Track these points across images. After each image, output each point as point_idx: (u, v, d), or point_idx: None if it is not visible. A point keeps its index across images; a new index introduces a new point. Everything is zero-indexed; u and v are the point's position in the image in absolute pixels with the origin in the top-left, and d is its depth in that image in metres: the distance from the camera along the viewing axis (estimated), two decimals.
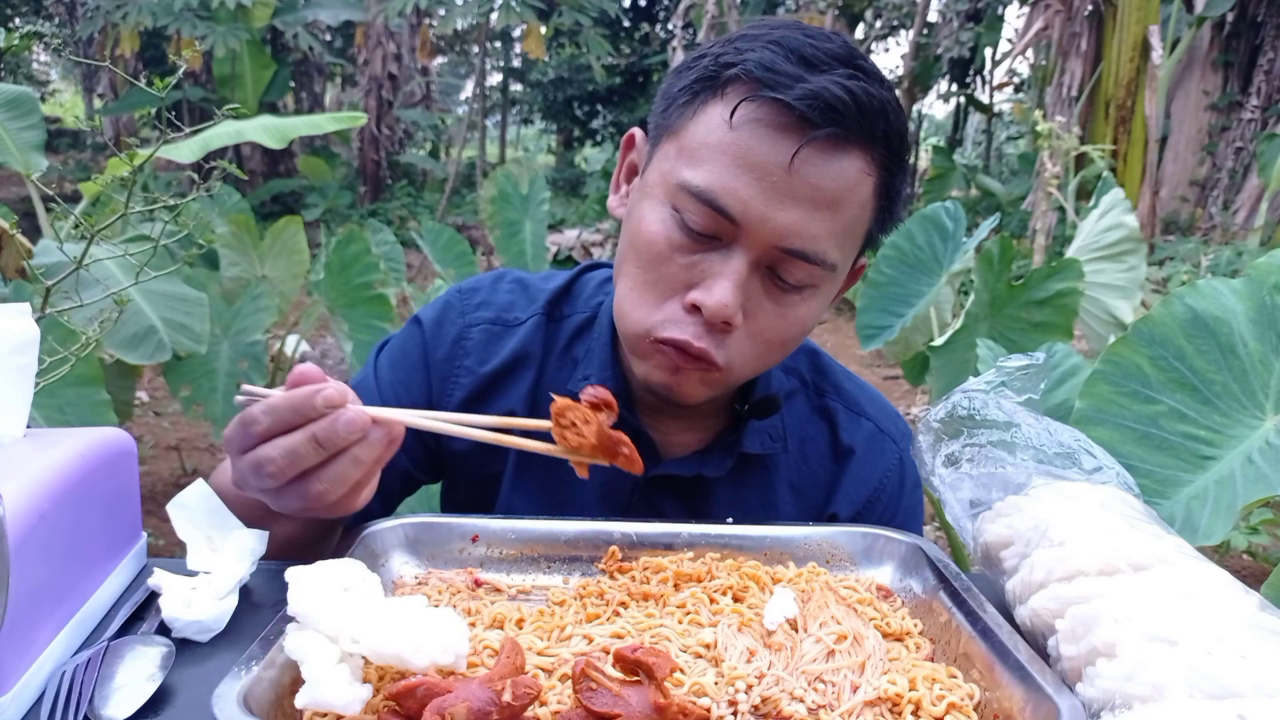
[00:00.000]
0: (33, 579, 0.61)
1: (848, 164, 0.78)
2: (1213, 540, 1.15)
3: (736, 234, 0.79)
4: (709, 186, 0.78)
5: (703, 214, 0.79)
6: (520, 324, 1.00)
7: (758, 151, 0.77)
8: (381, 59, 11.26)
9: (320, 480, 0.67)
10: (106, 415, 2.23)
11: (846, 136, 0.77)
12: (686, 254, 0.81)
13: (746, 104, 0.77)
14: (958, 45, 12.32)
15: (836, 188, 0.78)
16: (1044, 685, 0.56)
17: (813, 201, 0.78)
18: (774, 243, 0.78)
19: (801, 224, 0.78)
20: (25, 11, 14.12)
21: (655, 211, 0.83)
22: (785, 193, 0.77)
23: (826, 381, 1.04)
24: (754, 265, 0.80)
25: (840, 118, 0.76)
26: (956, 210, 3.28)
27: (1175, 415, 1.26)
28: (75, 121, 1.35)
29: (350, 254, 3.74)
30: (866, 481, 1.00)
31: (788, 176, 0.77)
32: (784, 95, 0.76)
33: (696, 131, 0.81)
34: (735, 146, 0.78)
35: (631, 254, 0.85)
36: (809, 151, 0.76)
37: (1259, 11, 8.92)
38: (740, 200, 0.77)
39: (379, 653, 0.56)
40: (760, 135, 0.77)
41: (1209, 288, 1.25)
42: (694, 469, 0.95)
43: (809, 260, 0.80)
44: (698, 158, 0.80)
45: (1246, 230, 7.51)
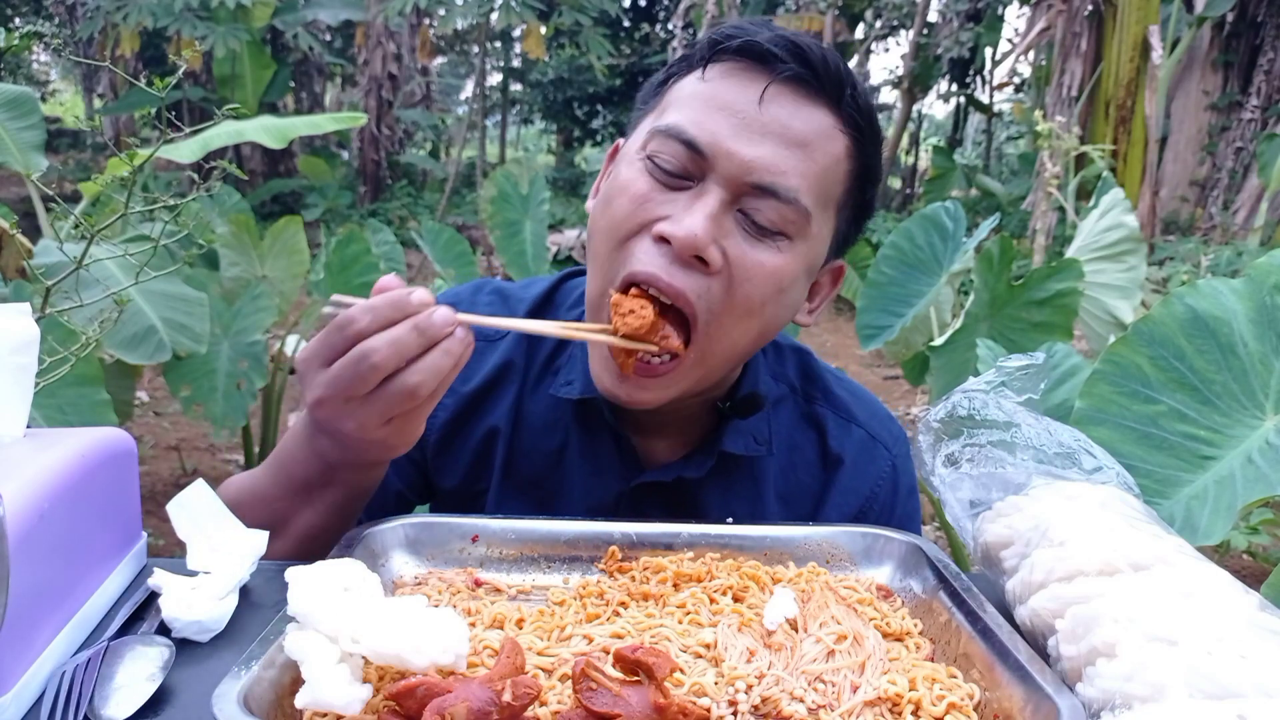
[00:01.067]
0: (33, 579, 0.61)
1: (817, 113, 0.80)
2: (1212, 540, 1.15)
3: (706, 169, 0.79)
4: (678, 123, 0.80)
5: (674, 151, 0.80)
6: (500, 338, 0.99)
7: (728, 92, 0.80)
8: (381, 59, 11.26)
9: (417, 372, 0.68)
10: (106, 415, 2.23)
11: (814, 85, 0.80)
12: (658, 195, 0.81)
13: (716, 58, 0.81)
14: (958, 45, 12.32)
15: (805, 129, 0.79)
16: (1044, 685, 0.56)
17: (783, 138, 0.79)
18: (744, 176, 0.78)
19: (771, 158, 0.78)
20: (25, 11, 14.12)
21: (631, 167, 0.83)
22: (755, 128, 0.78)
23: (816, 388, 1.02)
24: (726, 203, 0.79)
25: (806, 59, 0.79)
26: (956, 210, 3.28)
27: (1175, 415, 1.26)
28: (75, 121, 1.35)
29: (350, 254, 3.74)
30: (857, 491, 0.99)
31: (758, 113, 0.78)
32: (750, 40, 0.80)
33: (670, 95, 0.84)
34: (706, 91, 0.81)
35: (601, 209, 0.85)
36: (777, 90, 0.79)
37: (1259, 11, 8.93)
38: (709, 132, 0.79)
39: (379, 653, 0.56)
40: (730, 79, 0.80)
41: (1209, 288, 1.25)
42: (674, 473, 0.94)
43: (780, 197, 0.79)
44: (670, 109, 0.82)
45: (1246, 230, 7.51)
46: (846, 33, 13.53)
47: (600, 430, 0.95)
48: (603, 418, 0.94)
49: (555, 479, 0.97)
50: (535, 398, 0.98)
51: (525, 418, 0.98)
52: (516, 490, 0.98)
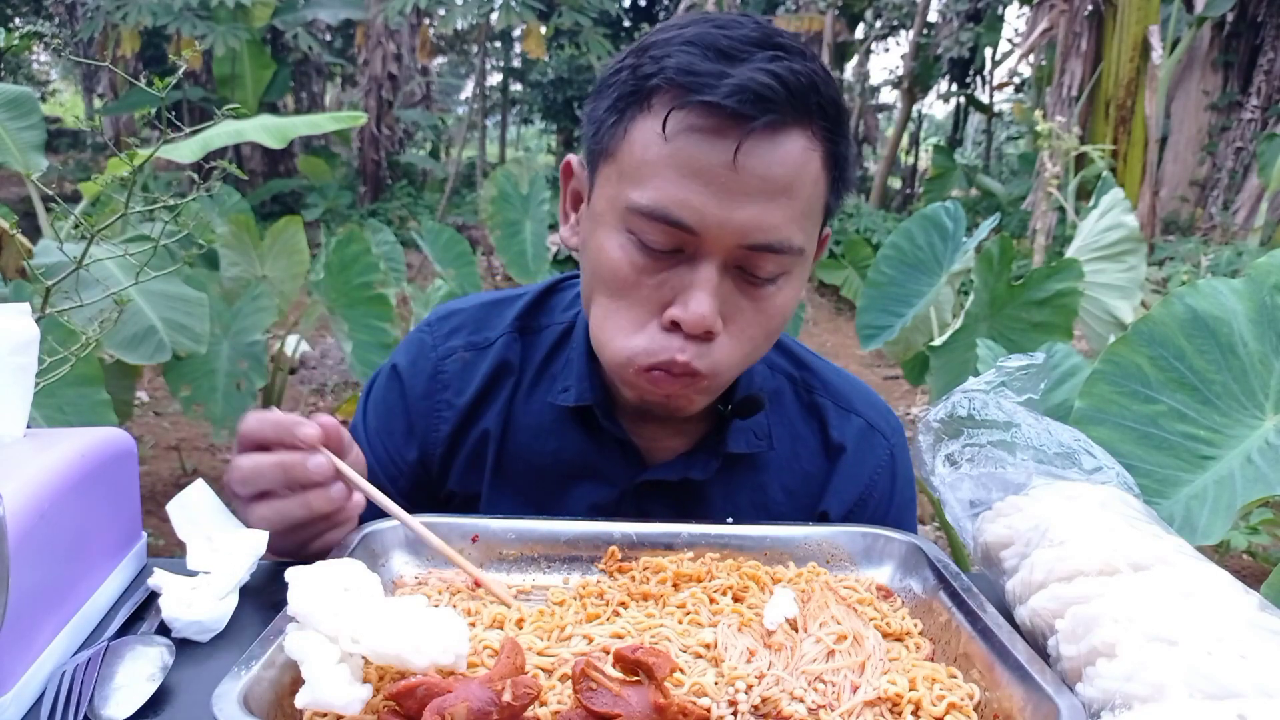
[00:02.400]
0: (33, 579, 0.61)
1: (790, 146, 0.77)
2: (1211, 540, 1.15)
3: (698, 243, 0.77)
4: (658, 204, 0.76)
5: (659, 231, 0.77)
6: (492, 344, 1.00)
7: (698, 157, 0.75)
8: (381, 59, 11.25)
9: (268, 507, 0.74)
10: (106, 415, 2.23)
11: (782, 120, 0.76)
12: (653, 274, 0.79)
13: (676, 113, 0.76)
14: (958, 45, 12.32)
15: (785, 173, 0.77)
16: (1044, 685, 0.56)
17: (765, 193, 0.76)
18: (737, 243, 0.77)
19: (760, 217, 0.76)
20: (25, 11, 14.11)
21: (612, 239, 0.81)
22: (736, 191, 0.75)
23: (814, 378, 1.03)
24: (723, 269, 0.78)
25: (772, 104, 0.74)
26: (956, 210, 3.29)
27: (1175, 415, 1.26)
28: (75, 121, 1.35)
29: (350, 254, 3.74)
30: (857, 479, 1.00)
31: (735, 174, 0.75)
32: (711, 96, 0.74)
33: (633, 151, 0.79)
34: (675, 157, 0.76)
35: (598, 284, 0.83)
36: (749, 145, 0.75)
37: (1259, 11, 8.93)
38: (693, 209, 0.76)
39: (379, 653, 0.56)
40: (697, 141, 0.75)
41: (1209, 288, 1.25)
42: (680, 472, 0.95)
43: (776, 251, 0.78)
44: (640, 177, 0.78)
45: (1246, 230, 7.51)
46: (846, 33, 13.53)
47: (598, 434, 0.96)
48: (598, 423, 0.95)
49: (550, 482, 0.97)
50: (530, 402, 0.98)
51: (517, 420, 0.98)
52: (512, 492, 0.98)
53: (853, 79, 14.08)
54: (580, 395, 0.94)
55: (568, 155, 0.93)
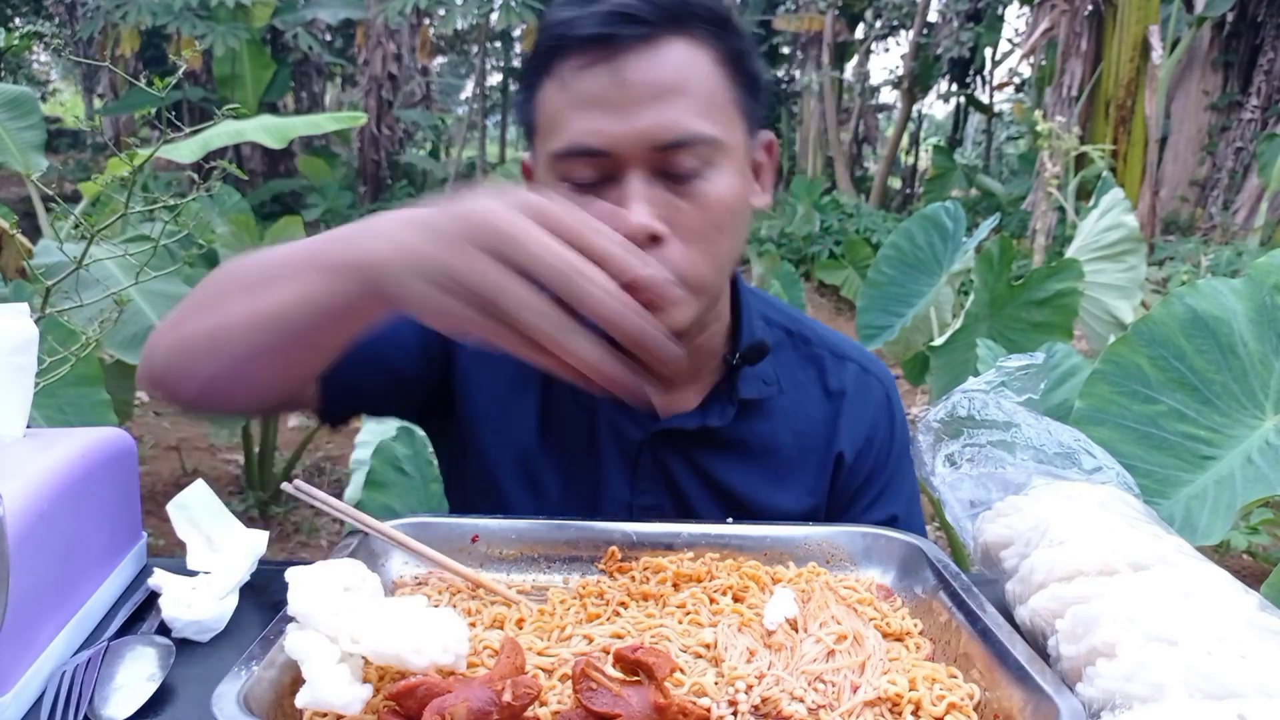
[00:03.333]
0: (33, 579, 0.61)
1: (670, 52, 0.82)
2: (1211, 540, 1.15)
3: (616, 163, 0.82)
4: (568, 141, 0.83)
5: (580, 166, 0.83)
6: None
7: (588, 88, 0.82)
8: (381, 59, 11.25)
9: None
10: (106, 415, 2.23)
11: (652, 32, 0.82)
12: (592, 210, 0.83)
13: (560, 60, 0.83)
14: (958, 45, 12.32)
15: (671, 74, 0.82)
16: (1044, 685, 0.56)
17: (656, 96, 0.81)
18: (647, 147, 0.81)
19: (658, 118, 0.81)
20: (25, 11, 14.11)
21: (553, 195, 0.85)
22: (629, 103, 0.81)
23: (808, 330, 1.08)
24: (647, 178, 0.83)
25: (636, 17, 0.81)
26: (956, 210, 3.29)
27: (1175, 415, 1.26)
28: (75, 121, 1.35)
29: None
30: (861, 419, 1.03)
31: (623, 89, 0.81)
32: (583, 31, 0.81)
33: (543, 112, 0.86)
34: (571, 98, 0.83)
35: None
36: (627, 60, 0.81)
37: (1259, 11, 8.93)
38: (596, 132, 0.81)
39: (379, 653, 0.56)
40: (583, 75, 0.82)
41: (1209, 288, 1.25)
42: (698, 421, 0.97)
43: (686, 144, 0.82)
44: (552, 128, 0.85)
45: (1246, 230, 7.51)
46: (846, 33, 13.53)
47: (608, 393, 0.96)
48: None
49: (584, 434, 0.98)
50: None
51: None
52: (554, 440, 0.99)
53: (853, 79, 14.09)
54: None
55: (523, 156, 0.97)
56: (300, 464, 4.14)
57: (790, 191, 10.47)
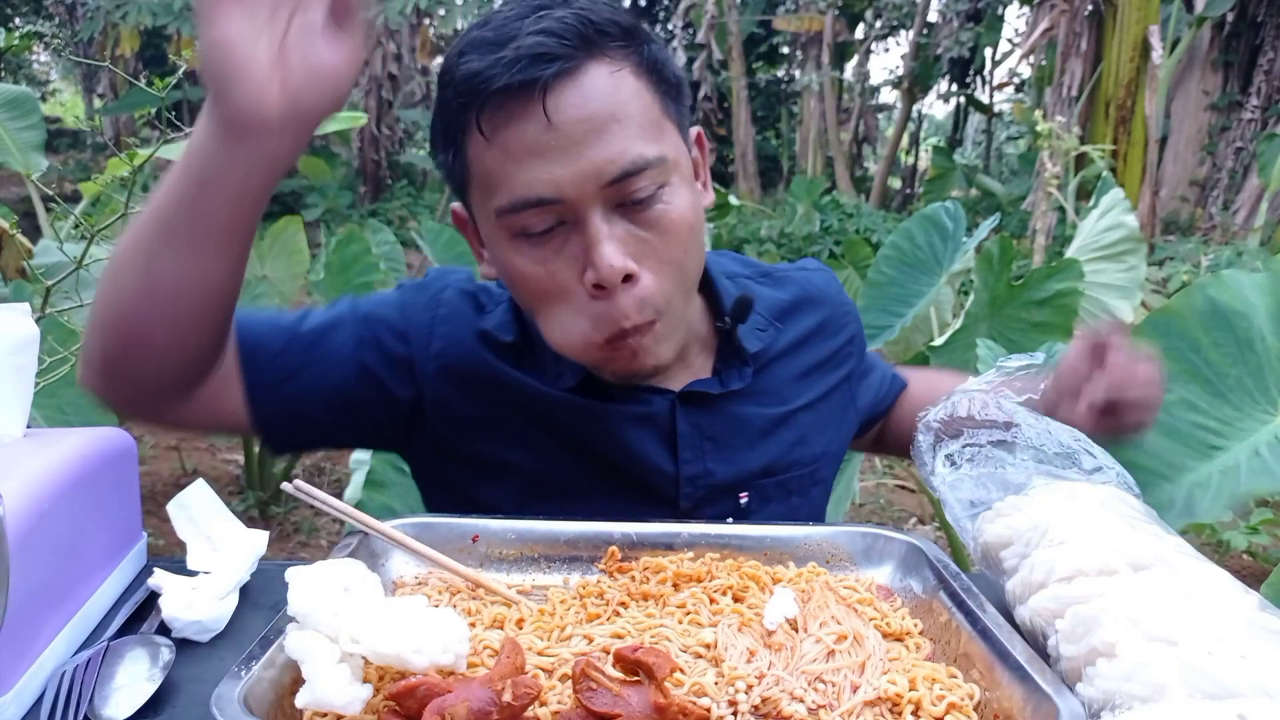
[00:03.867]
0: (33, 579, 0.61)
1: (592, 80, 0.80)
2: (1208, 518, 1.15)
3: (570, 208, 0.81)
4: (516, 197, 0.81)
5: (532, 217, 0.81)
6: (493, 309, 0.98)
7: (520, 138, 0.79)
8: (381, 59, 11.26)
9: None
10: (106, 415, 2.23)
11: (570, 65, 0.79)
12: (556, 258, 0.83)
13: (481, 115, 0.80)
14: (958, 45, 12.32)
15: (600, 105, 0.80)
16: (1044, 685, 0.56)
17: (593, 131, 0.79)
18: (599, 185, 0.80)
19: (602, 153, 0.79)
20: (25, 11, 14.11)
21: (508, 252, 0.85)
22: (567, 145, 0.79)
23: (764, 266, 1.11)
24: (605, 215, 0.81)
25: (551, 55, 0.78)
26: (956, 210, 3.28)
27: (1186, 405, 1.25)
28: (75, 121, 1.35)
29: (350, 254, 3.74)
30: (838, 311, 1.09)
31: (556, 132, 0.78)
32: (498, 83, 0.78)
33: (475, 169, 0.84)
34: (503, 151, 0.80)
35: (526, 298, 0.88)
36: (552, 102, 0.78)
37: (1259, 11, 8.93)
38: (543, 181, 0.79)
39: (379, 653, 0.56)
40: (510, 126, 0.80)
41: (1232, 279, 1.23)
42: (718, 386, 0.97)
43: (636, 172, 0.81)
44: (492, 185, 0.82)
45: (1246, 230, 7.51)
46: (846, 33, 13.53)
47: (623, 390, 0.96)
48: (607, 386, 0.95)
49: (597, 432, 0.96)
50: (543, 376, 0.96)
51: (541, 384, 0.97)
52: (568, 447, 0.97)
53: (853, 79, 14.09)
54: (576, 372, 0.94)
55: (452, 205, 0.95)
56: (300, 464, 4.14)
57: (790, 191, 10.47)
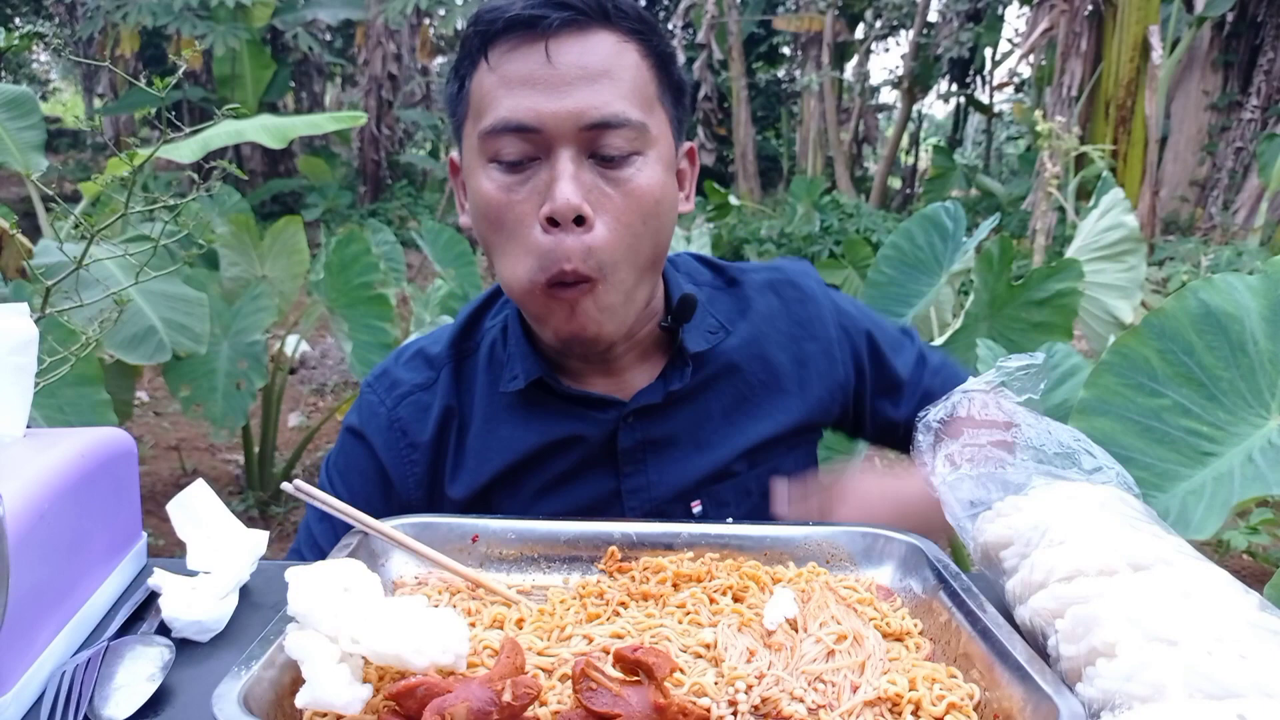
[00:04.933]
0: (33, 579, 0.61)
1: (598, 40, 0.86)
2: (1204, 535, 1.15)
3: (544, 140, 0.85)
4: (499, 118, 0.85)
5: (509, 143, 0.85)
6: (434, 384, 1.02)
7: (519, 68, 0.85)
8: (381, 59, 11.25)
9: None
10: (106, 415, 2.23)
11: (583, 20, 0.85)
12: (520, 188, 0.86)
13: (491, 44, 0.86)
14: (958, 45, 12.31)
15: (599, 59, 0.85)
16: (1044, 685, 0.56)
17: (585, 78, 0.84)
18: (576, 125, 0.84)
19: (588, 98, 0.84)
20: (25, 11, 14.11)
21: (479, 177, 0.89)
22: (558, 82, 0.84)
23: (733, 271, 1.10)
24: (577, 158, 0.85)
25: (566, 3, 0.84)
26: (956, 210, 3.28)
27: (1179, 410, 1.26)
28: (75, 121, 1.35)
29: (350, 254, 3.74)
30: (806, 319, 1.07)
31: (552, 69, 0.84)
32: (510, 13, 0.85)
33: (473, 97, 0.89)
34: (501, 78, 0.86)
35: (485, 227, 0.90)
36: (556, 43, 0.84)
37: (1259, 11, 8.92)
38: (527, 109, 0.84)
39: (379, 653, 0.56)
40: (514, 55, 0.85)
41: (1224, 283, 1.24)
42: (659, 392, 0.99)
43: (614, 124, 0.85)
44: (483, 109, 0.87)
45: (1246, 230, 7.51)
46: (846, 33, 13.52)
47: (571, 403, 0.99)
48: (564, 391, 0.98)
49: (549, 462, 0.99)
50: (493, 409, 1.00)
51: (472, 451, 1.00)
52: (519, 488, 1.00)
53: (853, 79, 14.09)
54: (529, 373, 0.98)
55: (450, 155, 0.99)
56: (300, 464, 4.14)
57: (790, 191, 10.46)
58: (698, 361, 1.00)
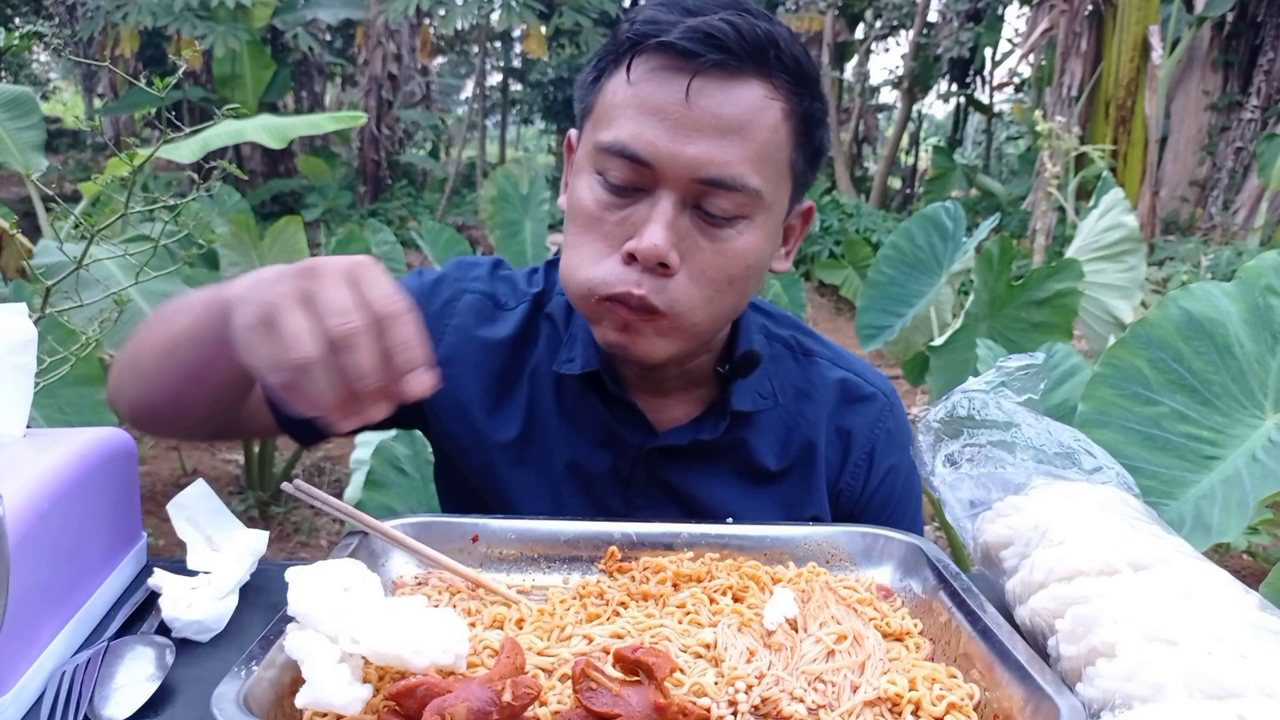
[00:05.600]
0: (33, 579, 0.61)
1: (745, 91, 0.81)
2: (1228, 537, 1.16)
3: (655, 178, 0.81)
4: (618, 139, 0.82)
5: (619, 166, 0.82)
6: (511, 309, 1.01)
7: (655, 95, 0.81)
8: (381, 59, 11.25)
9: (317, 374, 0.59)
10: (106, 415, 2.23)
11: (737, 65, 0.80)
12: (616, 210, 0.84)
13: (637, 58, 0.82)
14: (958, 45, 12.32)
15: (738, 113, 0.81)
16: (1044, 685, 0.56)
17: (717, 129, 0.80)
18: (690, 176, 0.80)
19: (711, 152, 0.80)
20: (25, 11, 14.11)
21: (583, 181, 0.86)
22: (689, 125, 0.80)
23: (811, 343, 1.07)
24: (679, 205, 0.82)
25: (723, 45, 0.79)
26: (956, 210, 3.29)
27: (1177, 416, 1.26)
28: (75, 121, 1.35)
29: (350, 254, 3.74)
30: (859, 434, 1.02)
31: (688, 110, 0.80)
32: (667, 37, 0.80)
33: (604, 100, 0.85)
34: (635, 98, 0.82)
35: (570, 224, 0.88)
36: (701, 82, 0.80)
37: (1259, 11, 8.92)
38: (648, 143, 0.80)
39: (379, 653, 0.56)
40: (655, 80, 0.81)
41: (1202, 290, 1.25)
42: (690, 436, 0.97)
43: (728, 187, 0.81)
44: (608, 120, 0.84)
45: (1246, 230, 7.51)
46: (846, 33, 13.53)
47: (610, 402, 0.97)
48: (606, 389, 0.96)
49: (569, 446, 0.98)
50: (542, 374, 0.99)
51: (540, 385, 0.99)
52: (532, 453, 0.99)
53: (853, 79, 14.09)
54: (586, 362, 0.95)
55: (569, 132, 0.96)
56: (300, 464, 4.14)
57: None
58: (736, 418, 0.98)
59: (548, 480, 0.98)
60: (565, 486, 0.98)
